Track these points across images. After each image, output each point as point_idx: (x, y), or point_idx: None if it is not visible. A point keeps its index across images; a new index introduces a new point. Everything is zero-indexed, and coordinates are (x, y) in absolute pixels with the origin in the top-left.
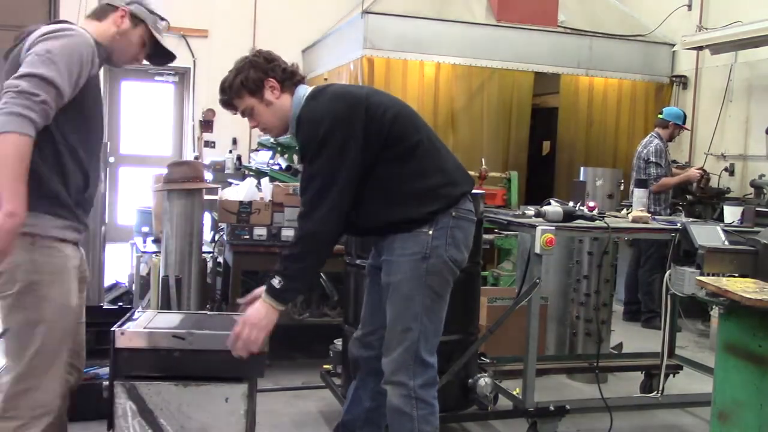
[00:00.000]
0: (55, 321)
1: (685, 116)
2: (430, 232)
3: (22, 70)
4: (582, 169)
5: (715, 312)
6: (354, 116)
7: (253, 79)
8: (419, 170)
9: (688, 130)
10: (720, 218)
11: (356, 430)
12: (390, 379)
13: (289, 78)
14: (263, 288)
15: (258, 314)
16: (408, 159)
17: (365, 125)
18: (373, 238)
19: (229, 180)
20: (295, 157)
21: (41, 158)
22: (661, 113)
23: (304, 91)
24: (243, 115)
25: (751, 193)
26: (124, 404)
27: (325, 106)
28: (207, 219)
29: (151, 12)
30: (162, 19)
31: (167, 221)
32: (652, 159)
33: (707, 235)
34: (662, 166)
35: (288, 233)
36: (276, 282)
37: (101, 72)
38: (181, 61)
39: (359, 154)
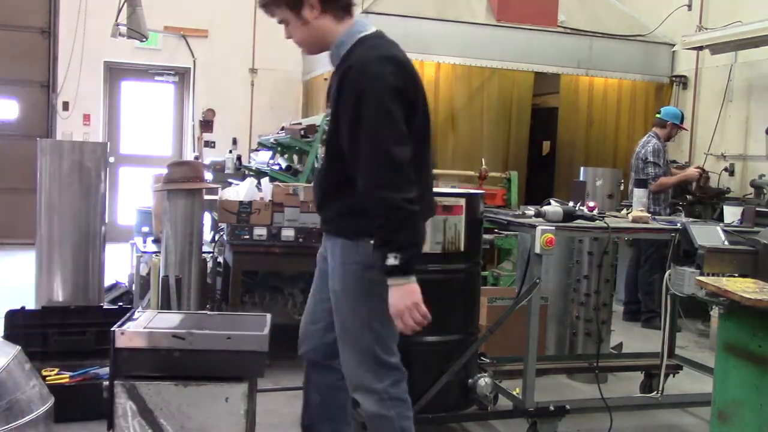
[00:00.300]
0: None
1: (683, 116)
2: (371, 242)
3: None
4: (582, 169)
5: (715, 312)
6: (414, 81)
7: None
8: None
9: (686, 129)
10: (720, 218)
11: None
12: (358, 389)
13: (334, 0)
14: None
15: (400, 301)
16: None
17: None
18: (322, 223)
19: (229, 180)
20: (295, 157)
21: None
22: (659, 113)
23: (361, 27)
24: (279, 22)
25: (751, 193)
26: (124, 404)
27: (386, 59)
28: (207, 219)
29: None
30: None
31: (167, 221)
32: (650, 159)
33: (707, 235)
34: (660, 166)
35: (288, 233)
36: (391, 260)
37: (101, 72)
38: (181, 61)
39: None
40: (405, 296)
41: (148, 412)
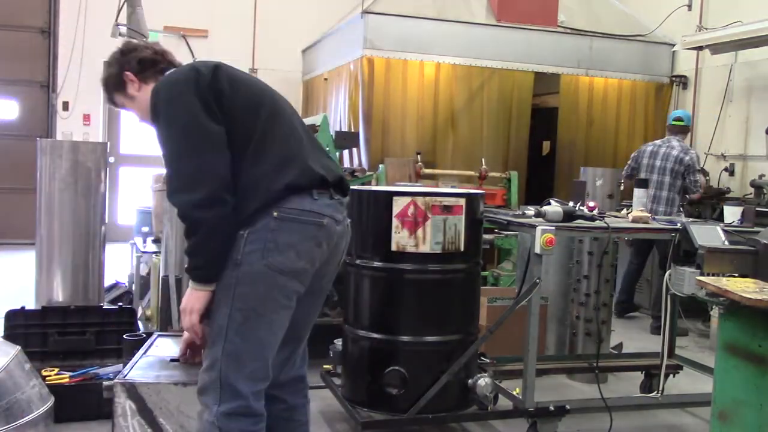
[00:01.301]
0: None
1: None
2: (244, 234)
3: None
4: (582, 169)
5: (715, 312)
6: (189, 79)
7: (112, 75)
8: (252, 155)
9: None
10: (720, 218)
11: None
12: (198, 395)
13: (150, 67)
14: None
15: (186, 300)
16: (243, 140)
17: (202, 86)
18: None
19: None
20: None
21: None
22: (679, 120)
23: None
24: (123, 107)
25: (751, 193)
26: (123, 404)
27: (162, 80)
28: None
29: None
30: None
31: (167, 221)
32: (698, 167)
33: (707, 235)
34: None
35: None
36: (186, 264)
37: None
38: (181, 61)
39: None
40: (190, 298)
41: (147, 412)
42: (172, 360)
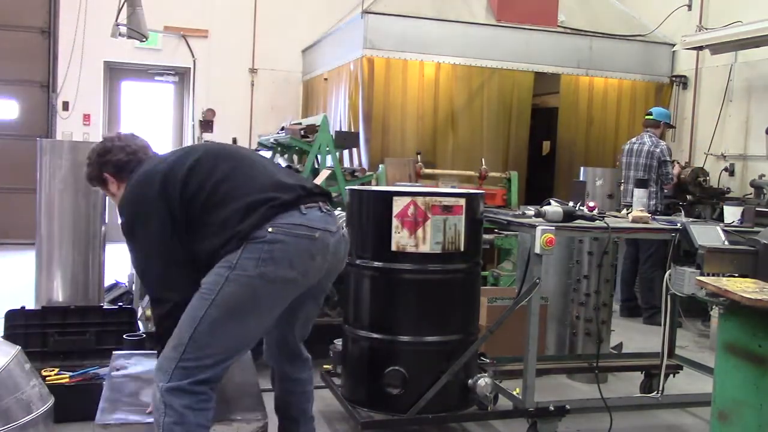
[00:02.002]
0: None
1: (669, 114)
2: (243, 245)
3: None
4: (582, 169)
5: (715, 312)
6: (148, 193)
7: (93, 174)
8: (220, 203)
9: (674, 127)
10: (720, 218)
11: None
12: (155, 372)
13: (124, 169)
14: None
15: None
16: (210, 203)
17: (163, 197)
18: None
19: None
20: (295, 157)
21: None
22: (650, 114)
23: None
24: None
25: (751, 193)
26: None
27: (125, 195)
28: None
29: None
30: None
31: None
32: (668, 158)
33: (707, 235)
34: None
35: None
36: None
37: (101, 72)
38: (181, 61)
39: (165, 221)
40: None
41: None
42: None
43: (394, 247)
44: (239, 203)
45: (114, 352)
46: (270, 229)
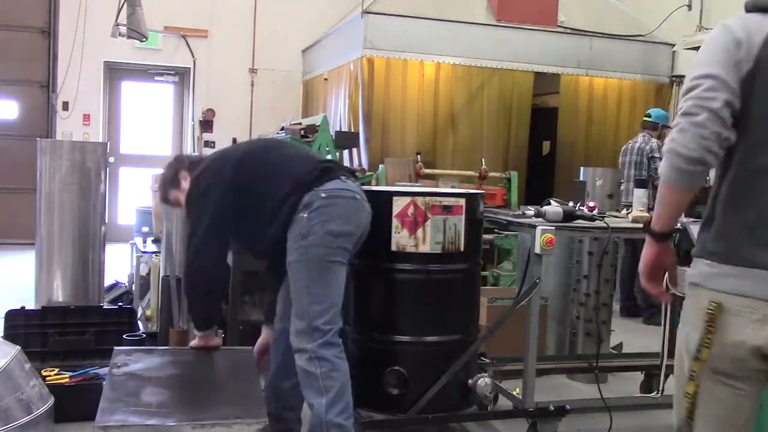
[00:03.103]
0: None
1: (668, 117)
2: (305, 215)
3: None
4: (582, 169)
5: None
6: (222, 171)
7: (168, 177)
8: (274, 186)
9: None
10: None
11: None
12: (296, 347)
13: (196, 163)
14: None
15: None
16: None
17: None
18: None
19: None
20: None
21: None
22: (648, 116)
23: None
24: (174, 206)
25: None
26: None
27: (202, 169)
28: None
29: None
30: None
31: (167, 221)
32: (657, 155)
33: None
34: None
35: None
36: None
37: (101, 72)
38: (181, 61)
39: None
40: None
41: None
42: None
43: (393, 247)
44: (295, 179)
45: (115, 348)
46: (323, 195)
